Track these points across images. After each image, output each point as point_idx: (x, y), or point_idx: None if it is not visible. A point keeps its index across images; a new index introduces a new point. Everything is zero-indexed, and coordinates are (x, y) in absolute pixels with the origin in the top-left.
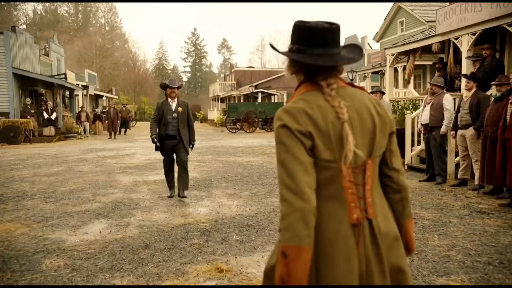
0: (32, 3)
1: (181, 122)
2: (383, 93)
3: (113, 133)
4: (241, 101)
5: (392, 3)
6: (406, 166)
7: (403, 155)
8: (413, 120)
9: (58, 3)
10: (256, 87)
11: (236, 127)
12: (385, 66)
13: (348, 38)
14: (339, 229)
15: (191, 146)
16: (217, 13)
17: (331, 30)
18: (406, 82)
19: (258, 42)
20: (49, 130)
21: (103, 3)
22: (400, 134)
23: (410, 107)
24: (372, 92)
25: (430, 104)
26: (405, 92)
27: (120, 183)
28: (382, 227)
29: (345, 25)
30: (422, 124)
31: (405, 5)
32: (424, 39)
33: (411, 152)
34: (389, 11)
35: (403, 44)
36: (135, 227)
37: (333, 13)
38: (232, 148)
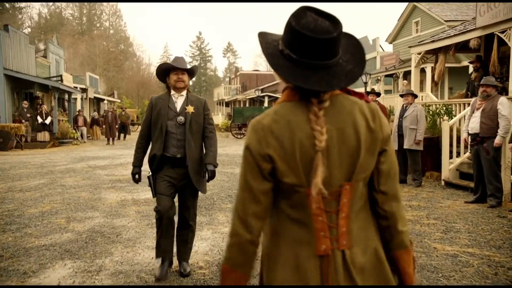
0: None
1: (191, 132)
2: (415, 96)
3: (111, 139)
4: (247, 105)
5: (407, 3)
6: (443, 182)
7: (438, 168)
8: (451, 127)
9: (63, 6)
10: (262, 90)
11: (241, 132)
12: (399, 69)
13: (359, 40)
14: (302, 259)
15: (207, 176)
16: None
17: (333, 40)
18: (433, 85)
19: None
20: (43, 135)
21: (108, 6)
22: (431, 143)
23: (443, 112)
24: (402, 95)
25: (481, 109)
26: (422, 96)
27: (105, 202)
28: (359, 259)
29: (356, 27)
30: (469, 134)
31: (421, 4)
32: (459, 34)
33: (449, 165)
34: (403, 10)
35: (432, 41)
36: (108, 274)
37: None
38: (238, 157)
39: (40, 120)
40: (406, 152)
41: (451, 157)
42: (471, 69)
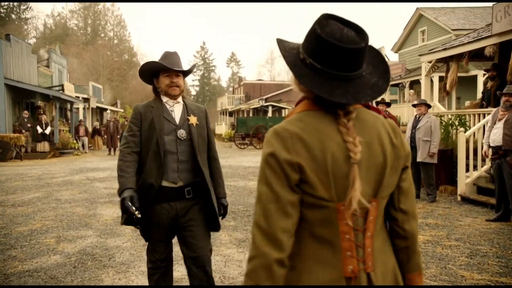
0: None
1: (197, 150)
2: (429, 106)
3: (112, 149)
4: (250, 115)
5: (412, 12)
6: (459, 197)
7: (452, 181)
8: (467, 139)
9: (68, 17)
10: (266, 100)
11: (245, 142)
12: (405, 78)
13: None
14: (328, 282)
15: (221, 213)
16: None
17: (360, 51)
18: (445, 94)
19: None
20: (43, 146)
21: (112, 17)
22: (445, 155)
23: (457, 123)
24: (415, 105)
25: (504, 120)
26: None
27: (100, 219)
28: (380, 282)
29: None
30: (490, 146)
31: (428, 13)
32: (474, 41)
33: (465, 179)
34: (409, 19)
35: (444, 49)
36: None
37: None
38: (241, 169)
39: (40, 130)
40: (419, 165)
41: (467, 170)
42: (479, 79)
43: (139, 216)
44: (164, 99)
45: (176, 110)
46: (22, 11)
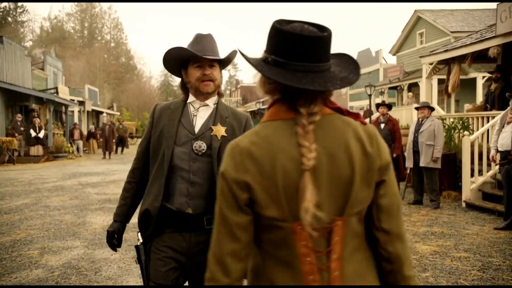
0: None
1: (218, 170)
2: (432, 109)
3: (107, 153)
4: None
5: (410, 15)
6: (464, 204)
7: (455, 187)
8: (472, 143)
9: (64, 20)
10: (263, 103)
11: None
12: (404, 81)
13: (361, 52)
14: None
15: None
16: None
17: (322, 39)
18: (446, 97)
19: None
20: (36, 150)
21: (109, 20)
22: (448, 160)
23: (459, 126)
24: (418, 108)
25: None
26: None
27: (89, 227)
28: None
29: (358, 38)
30: (498, 151)
31: (426, 15)
32: (477, 42)
33: (470, 185)
34: (407, 22)
35: (446, 51)
36: None
37: (345, 25)
38: None
39: (33, 133)
40: (422, 170)
41: (472, 175)
42: (478, 81)
43: (140, 240)
44: (191, 99)
45: (201, 114)
46: (18, 14)
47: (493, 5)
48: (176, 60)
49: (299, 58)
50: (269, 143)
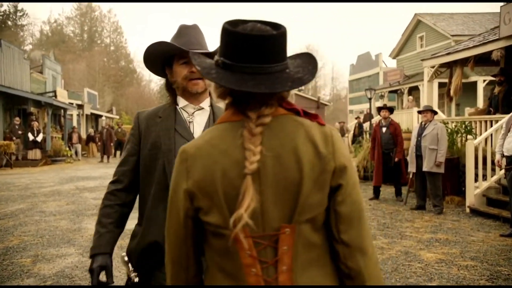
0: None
1: None
2: (435, 113)
3: (105, 157)
4: None
5: (410, 18)
6: (468, 209)
7: (458, 192)
8: (476, 147)
9: (64, 23)
10: None
11: None
12: (404, 84)
13: (361, 55)
14: None
15: None
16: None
17: (271, 39)
18: (448, 101)
19: None
20: (34, 153)
21: (109, 23)
22: (451, 164)
23: (462, 130)
24: (421, 111)
25: None
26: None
27: (85, 234)
28: None
29: (357, 42)
30: (504, 156)
31: (426, 19)
32: (479, 45)
33: (474, 190)
34: (407, 25)
35: (448, 54)
36: None
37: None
38: None
39: (31, 137)
40: (424, 175)
41: (476, 180)
42: (479, 85)
43: (136, 280)
44: (181, 102)
45: (197, 120)
46: (18, 17)
47: (493, 9)
48: (158, 58)
49: (247, 60)
50: (212, 145)
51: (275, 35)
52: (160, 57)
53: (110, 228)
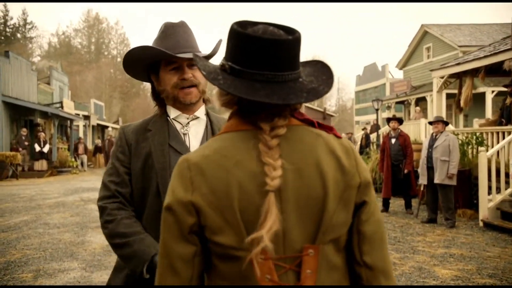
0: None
1: None
2: (447, 123)
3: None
4: None
5: (417, 29)
6: (481, 223)
7: (471, 205)
8: (489, 160)
9: (72, 35)
10: None
11: None
12: (411, 95)
13: (367, 66)
14: None
15: None
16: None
17: (285, 44)
18: (457, 112)
19: None
20: (41, 164)
21: (116, 35)
22: (463, 176)
23: (474, 141)
24: (431, 122)
25: None
26: (426, 124)
27: (88, 247)
28: None
29: (364, 53)
30: None
31: (433, 30)
32: (490, 55)
33: (488, 203)
34: (414, 36)
35: (458, 64)
36: None
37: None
38: None
39: (37, 148)
40: (436, 187)
41: (489, 193)
42: (487, 96)
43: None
44: (173, 112)
45: (193, 132)
46: (27, 30)
47: (501, 19)
48: (142, 64)
49: (258, 66)
50: (223, 156)
51: (290, 40)
52: (144, 63)
53: (145, 233)
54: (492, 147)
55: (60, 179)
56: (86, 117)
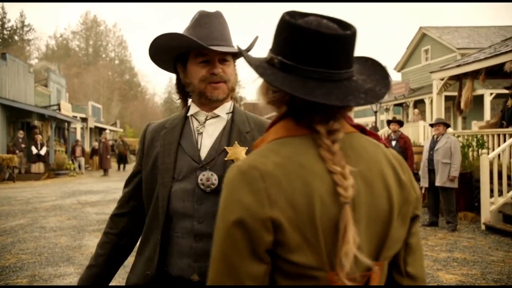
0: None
1: None
2: (448, 126)
3: (103, 171)
4: None
5: (415, 31)
6: (483, 226)
7: (472, 207)
8: (491, 162)
9: (70, 38)
10: None
11: None
12: (409, 97)
13: None
14: None
15: None
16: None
17: (344, 40)
18: (458, 114)
19: None
20: (38, 167)
21: (114, 38)
22: (464, 179)
23: (474, 144)
24: (433, 125)
25: None
26: (424, 126)
27: (85, 251)
28: None
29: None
30: None
31: (431, 32)
32: (491, 57)
33: (490, 206)
34: (412, 38)
35: (458, 66)
36: None
37: None
38: None
39: (34, 150)
40: (437, 190)
41: (491, 196)
42: (486, 98)
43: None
44: (192, 109)
45: (209, 131)
46: (25, 32)
47: (498, 22)
48: (169, 53)
49: (313, 62)
50: (300, 165)
51: (348, 35)
52: (171, 52)
53: (99, 262)
54: (493, 149)
55: (57, 182)
56: (84, 120)
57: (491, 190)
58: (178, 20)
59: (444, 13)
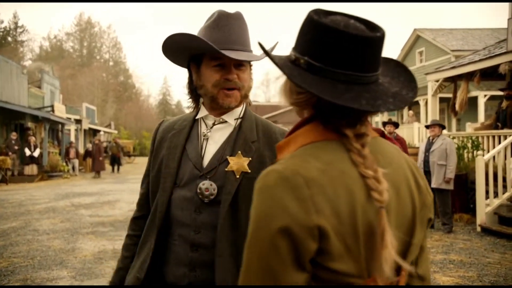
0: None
1: (236, 225)
2: (443, 127)
3: (95, 172)
4: None
5: (410, 33)
6: (479, 228)
7: (467, 209)
8: (486, 164)
9: (64, 39)
10: None
11: None
12: None
13: None
14: None
15: None
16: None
17: (373, 42)
18: (452, 115)
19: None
20: (31, 169)
21: (108, 39)
22: (460, 181)
23: (470, 146)
24: (428, 126)
25: None
26: (419, 128)
27: (79, 254)
28: None
29: None
30: None
31: (425, 34)
32: (486, 59)
33: (485, 208)
34: (406, 40)
35: (453, 68)
36: None
37: None
38: None
39: (28, 152)
40: (433, 192)
41: (486, 197)
42: (480, 100)
43: None
44: (202, 112)
45: (215, 137)
46: (18, 33)
47: (491, 25)
48: (184, 51)
49: (341, 64)
50: (341, 172)
51: (377, 38)
52: (185, 52)
53: (126, 264)
54: (488, 151)
55: (51, 184)
56: (78, 121)
57: (487, 192)
58: (177, 17)
59: (439, 15)
